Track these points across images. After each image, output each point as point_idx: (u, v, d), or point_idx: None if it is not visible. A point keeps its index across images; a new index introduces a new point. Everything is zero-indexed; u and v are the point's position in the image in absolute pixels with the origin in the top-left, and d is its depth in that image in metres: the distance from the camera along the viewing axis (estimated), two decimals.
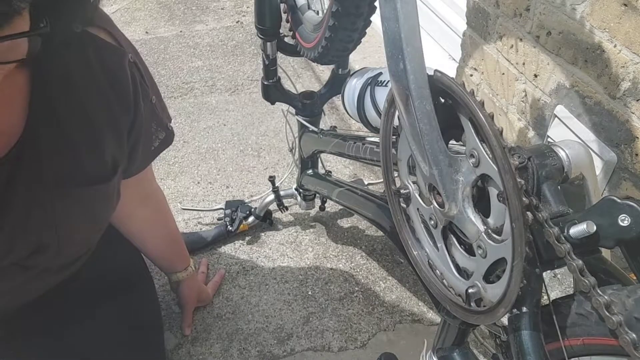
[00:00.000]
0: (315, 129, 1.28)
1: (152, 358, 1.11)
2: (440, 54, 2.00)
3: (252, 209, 1.50)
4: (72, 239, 0.81)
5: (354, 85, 1.04)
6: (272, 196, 1.48)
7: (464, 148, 0.61)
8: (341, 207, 1.57)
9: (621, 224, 0.57)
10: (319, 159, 1.42)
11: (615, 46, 1.00)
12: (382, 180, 0.82)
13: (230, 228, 1.46)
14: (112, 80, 0.73)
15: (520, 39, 1.26)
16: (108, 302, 1.01)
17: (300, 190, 1.47)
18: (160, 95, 0.89)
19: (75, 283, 0.93)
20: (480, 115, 0.56)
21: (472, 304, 0.67)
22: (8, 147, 0.68)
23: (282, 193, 1.48)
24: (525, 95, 1.30)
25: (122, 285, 1.05)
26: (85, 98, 0.72)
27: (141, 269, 1.17)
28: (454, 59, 1.90)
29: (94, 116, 0.73)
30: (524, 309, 0.62)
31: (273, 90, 1.30)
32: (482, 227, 0.62)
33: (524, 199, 0.55)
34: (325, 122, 1.37)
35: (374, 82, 1.01)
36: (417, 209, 0.75)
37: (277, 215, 1.56)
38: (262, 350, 1.23)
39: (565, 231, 0.59)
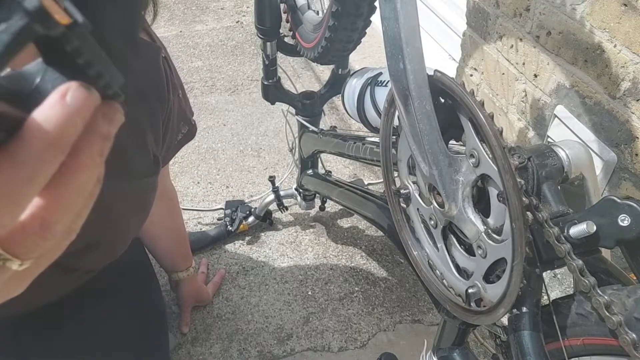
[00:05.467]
0: (315, 129, 1.28)
1: (157, 358, 1.11)
2: (440, 54, 2.00)
3: (252, 209, 1.50)
4: (120, 235, 0.81)
5: (354, 85, 1.04)
6: (272, 196, 1.48)
7: (464, 148, 0.61)
8: (341, 207, 1.57)
9: (621, 224, 0.57)
10: (319, 159, 1.42)
11: (615, 46, 1.00)
12: (382, 180, 0.82)
13: (230, 228, 1.46)
14: (149, 76, 0.74)
15: (520, 39, 1.26)
16: (116, 302, 1.01)
17: (300, 190, 1.46)
18: (185, 90, 0.90)
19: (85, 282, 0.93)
20: (480, 115, 0.56)
21: (472, 304, 0.67)
22: None
23: (282, 193, 1.48)
24: (525, 95, 1.30)
25: (130, 285, 1.05)
26: (128, 94, 0.72)
27: (148, 269, 1.18)
28: (454, 59, 1.90)
29: (136, 112, 0.73)
30: (524, 309, 0.62)
31: (273, 90, 1.30)
32: (482, 227, 0.62)
33: (524, 199, 0.55)
34: (325, 122, 1.37)
35: (374, 82, 1.01)
36: (417, 209, 0.75)
37: (277, 215, 1.56)
38: (262, 351, 1.23)
39: (565, 231, 0.59)
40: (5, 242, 0.23)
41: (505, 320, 0.66)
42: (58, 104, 0.21)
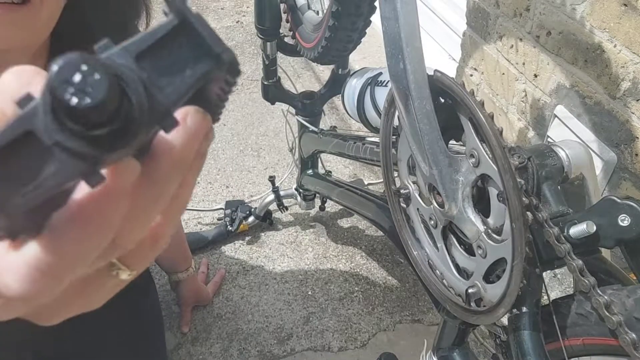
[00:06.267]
0: (315, 129, 1.28)
1: None
2: (440, 54, 2.00)
3: (252, 209, 1.50)
4: None
5: (354, 85, 1.04)
6: (272, 196, 1.48)
7: (464, 148, 0.61)
8: (341, 207, 1.57)
9: (621, 224, 0.57)
10: (319, 159, 1.42)
11: (615, 46, 1.00)
12: (382, 180, 0.82)
13: (230, 228, 1.46)
14: None
15: (520, 39, 1.26)
16: (112, 305, 1.00)
17: (300, 190, 1.47)
18: None
19: None
20: (480, 115, 0.56)
21: (472, 304, 0.67)
22: None
23: (282, 193, 1.48)
24: (525, 95, 1.30)
25: (126, 288, 1.05)
26: None
27: (145, 272, 1.17)
28: (454, 59, 1.90)
29: None
30: (524, 309, 0.62)
31: (273, 90, 1.30)
32: (482, 227, 0.62)
33: (524, 199, 0.55)
34: (325, 122, 1.37)
35: (374, 82, 1.01)
36: (417, 209, 0.75)
37: (277, 215, 1.56)
38: (262, 350, 1.23)
39: (565, 231, 0.59)
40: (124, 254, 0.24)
41: (505, 320, 0.66)
42: (181, 127, 0.22)
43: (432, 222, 0.71)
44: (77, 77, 0.18)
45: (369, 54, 2.11)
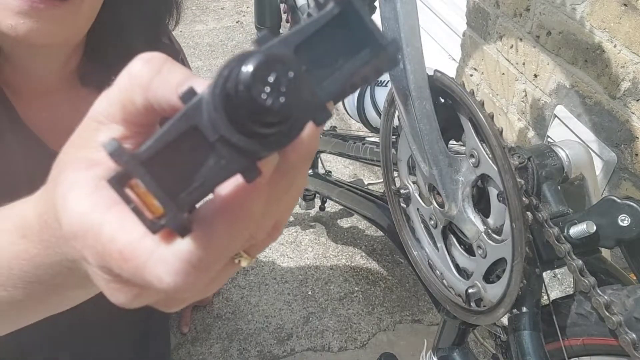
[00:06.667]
0: None
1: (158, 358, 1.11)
2: (440, 54, 2.00)
3: None
4: None
5: None
6: None
7: (464, 148, 0.61)
8: (341, 207, 1.57)
9: (621, 224, 0.57)
10: (319, 159, 1.42)
11: (615, 46, 1.00)
12: (382, 180, 0.82)
13: None
14: None
15: (520, 39, 1.26)
16: (116, 309, 1.00)
17: None
18: None
19: None
20: (480, 115, 0.56)
21: (472, 304, 0.67)
22: None
23: None
24: (525, 95, 1.30)
25: None
26: None
27: None
28: (454, 59, 1.90)
29: None
30: (524, 309, 0.62)
31: None
32: (482, 227, 0.62)
33: (524, 199, 0.55)
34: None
35: (374, 82, 1.01)
36: (417, 209, 0.75)
37: None
38: (262, 350, 1.23)
39: (565, 231, 0.59)
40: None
41: (505, 320, 0.66)
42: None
43: (432, 222, 0.71)
44: (272, 77, 0.18)
45: None
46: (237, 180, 0.21)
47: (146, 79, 0.23)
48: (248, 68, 0.18)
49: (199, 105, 0.20)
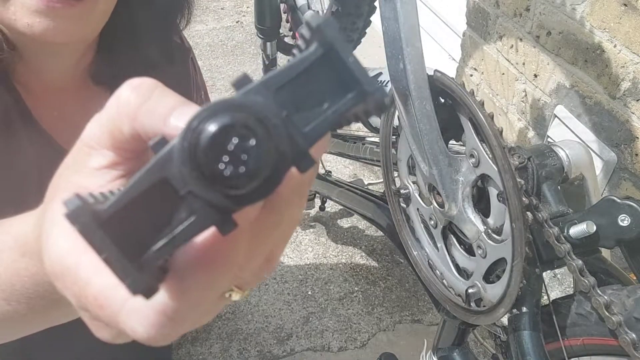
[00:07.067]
0: None
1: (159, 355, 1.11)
2: (440, 54, 2.00)
3: None
4: None
5: None
6: None
7: (464, 148, 0.61)
8: (341, 207, 1.57)
9: (621, 224, 0.57)
10: (319, 159, 1.42)
11: (615, 46, 1.00)
12: (382, 180, 0.82)
13: None
14: (178, 76, 0.76)
15: (520, 39, 1.26)
16: None
17: None
18: (207, 90, 0.92)
19: None
20: (480, 115, 0.56)
21: (472, 304, 0.67)
22: None
23: None
24: (525, 95, 1.30)
25: None
26: None
27: None
28: (454, 59, 1.90)
29: None
30: (524, 309, 0.62)
31: None
32: (482, 227, 0.62)
33: (524, 199, 0.55)
34: None
35: None
36: (417, 209, 0.75)
37: None
38: (261, 350, 1.23)
39: (565, 231, 0.59)
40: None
41: (505, 320, 0.66)
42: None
43: (432, 222, 0.71)
44: (232, 145, 0.17)
45: (369, 54, 2.11)
46: (212, 229, 0.20)
47: (133, 107, 0.22)
48: (211, 128, 0.17)
49: (170, 156, 0.18)
